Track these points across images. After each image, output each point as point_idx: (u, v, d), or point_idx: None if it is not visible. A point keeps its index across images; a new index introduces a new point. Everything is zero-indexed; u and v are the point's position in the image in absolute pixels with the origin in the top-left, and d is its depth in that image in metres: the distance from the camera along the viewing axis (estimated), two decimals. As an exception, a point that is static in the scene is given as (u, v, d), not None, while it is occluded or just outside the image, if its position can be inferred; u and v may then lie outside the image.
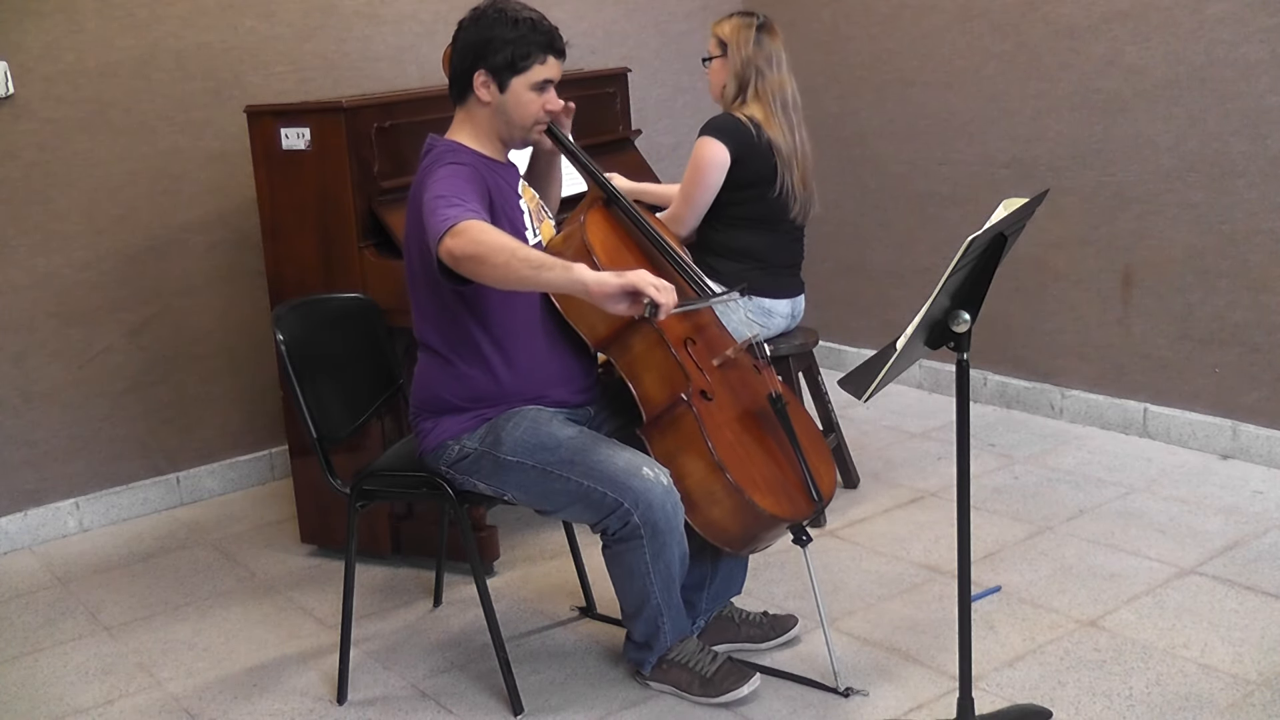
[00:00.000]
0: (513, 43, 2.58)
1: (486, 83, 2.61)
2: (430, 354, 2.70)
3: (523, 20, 2.60)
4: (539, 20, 2.63)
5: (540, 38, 2.61)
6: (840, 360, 5.10)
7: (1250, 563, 3.23)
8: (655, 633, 2.67)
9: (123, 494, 4.05)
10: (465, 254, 2.34)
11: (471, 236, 2.35)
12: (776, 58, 3.49)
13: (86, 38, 3.80)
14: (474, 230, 2.37)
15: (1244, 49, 3.72)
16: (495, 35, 2.58)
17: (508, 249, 2.34)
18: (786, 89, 3.50)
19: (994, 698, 2.67)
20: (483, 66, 2.60)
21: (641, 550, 2.53)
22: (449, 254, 2.36)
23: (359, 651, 3.04)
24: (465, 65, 2.63)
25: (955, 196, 4.62)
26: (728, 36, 3.50)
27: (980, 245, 2.17)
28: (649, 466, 2.53)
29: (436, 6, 4.46)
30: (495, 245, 2.34)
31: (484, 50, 2.59)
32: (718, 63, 3.54)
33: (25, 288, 3.80)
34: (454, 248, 2.35)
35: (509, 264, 2.32)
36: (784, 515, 2.60)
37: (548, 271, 2.32)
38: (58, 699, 2.94)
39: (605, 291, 2.29)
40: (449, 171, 2.55)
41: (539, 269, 2.32)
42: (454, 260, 2.37)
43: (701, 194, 3.49)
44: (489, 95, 2.62)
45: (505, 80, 2.61)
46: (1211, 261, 3.92)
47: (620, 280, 2.29)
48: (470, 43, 2.62)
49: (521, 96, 2.63)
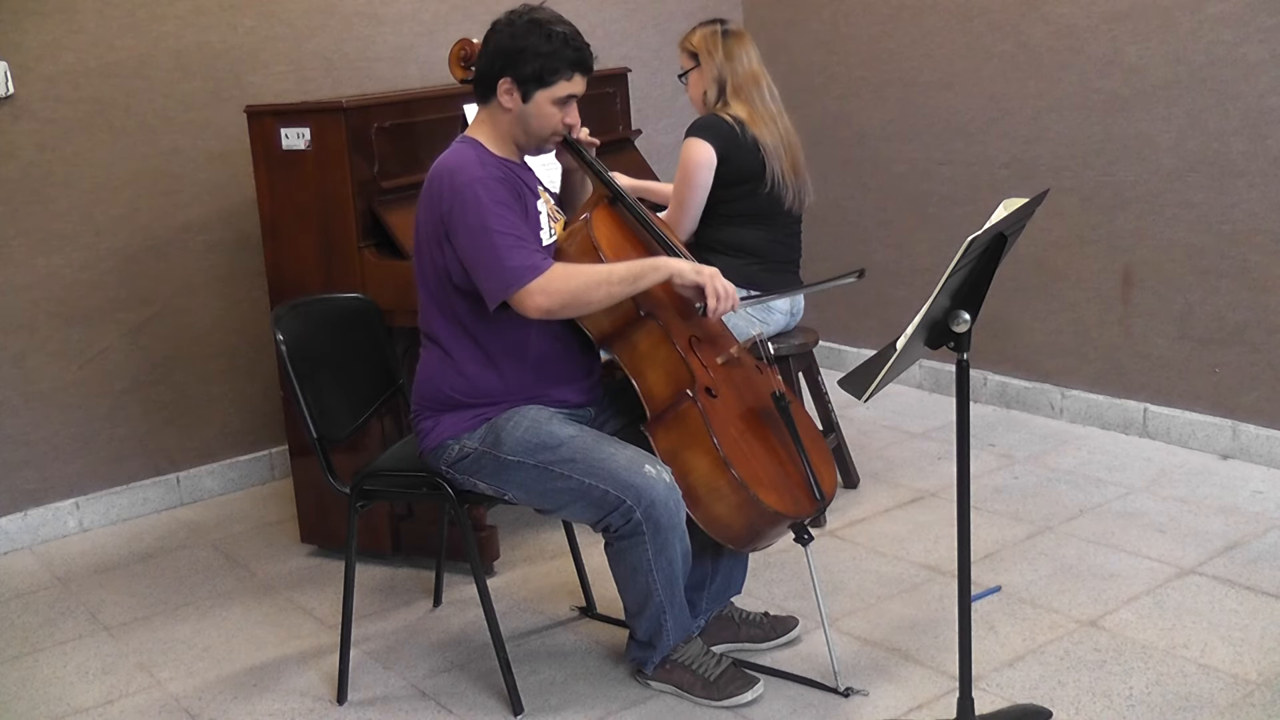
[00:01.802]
0: (544, 56, 2.57)
1: (510, 90, 2.61)
2: (434, 348, 2.71)
3: (556, 35, 2.58)
4: (572, 36, 2.61)
5: (571, 54, 2.60)
6: (840, 360, 5.10)
7: (1250, 563, 3.23)
8: (659, 631, 2.67)
9: (123, 494, 4.05)
10: (563, 305, 2.53)
11: (561, 289, 2.52)
12: (747, 55, 3.54)
13: (86, 38, 3.80)
14: (559, 280, 2.52)
15: (1244, 49, 3.72)
16: (528, 46, 2.57)
17: (601, 280, 2.55)
18: (762, 81, 3.54)
19: (994, 698, 2.67)
20: (510, 75, 2.59)
21: (644, 547, 2.53)
22: (542, 311, 2.52)
23: (359, 651, 3.04)
24: (493, 70, 2.62)
25: (955, 196, 4.62)
26: (697, 47, 3.55)
27: (980, 245, 2.17)
28: (651, 464, 2.54)
29: (436, 6, 4.46)
30: (587, 283, 2.54)
31: (514, 59, 2.58)
32: (694, 74, 3.58)
33: (25, 288, 3.80)
34: (549, 305, 2.52)
35: (610, 294, 2.55)
36: (788, 512, 2.60)
37: (643, 280, 2.57)
38: (58, 699, 2.94)
39: (684, 282, 2.61)
40: (489, 193, 2.54)
41: (635, 281, 2.57)
42: (549, 314, 2.53)
43: (693, 195, 3.50)
44: (511, 103, 2.62)
45: (530, 91, 2.60)
46: (1211, 261, 3.92)
47: (697, 277, 2.61)
48: (502, 48, 2.60)
49: (544, 109, 2.62)
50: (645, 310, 2.65)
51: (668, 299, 2.72)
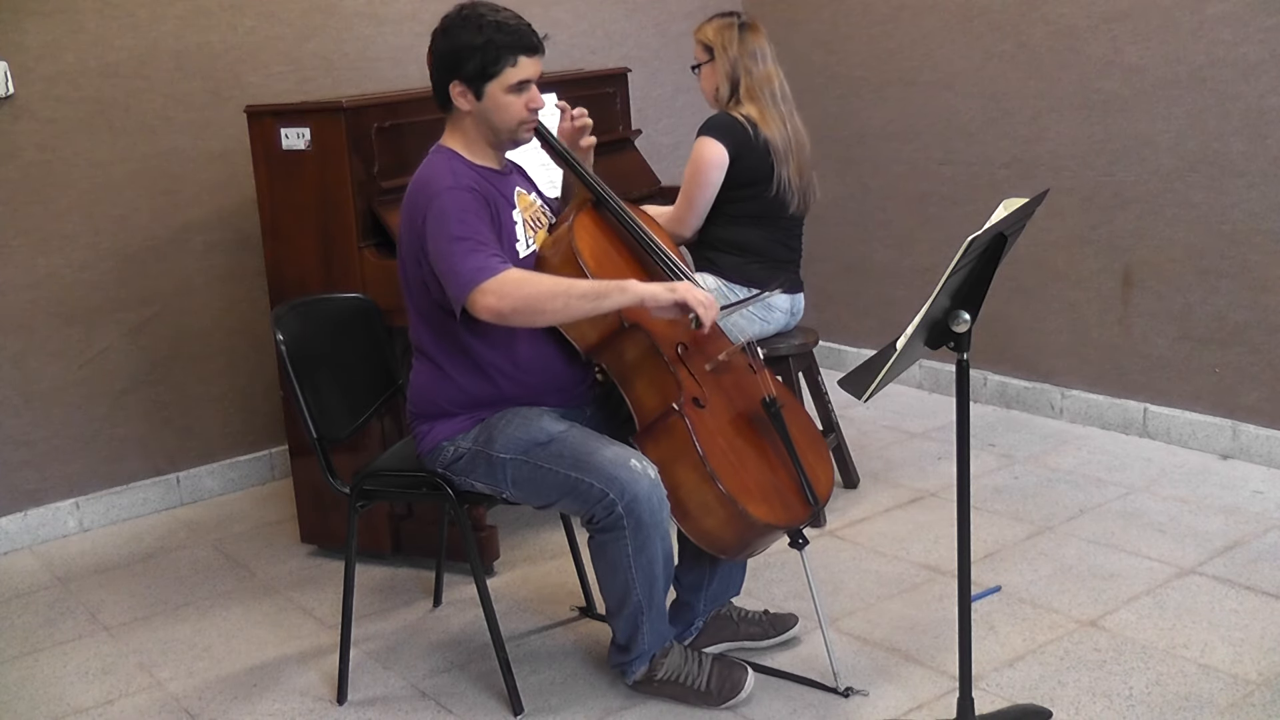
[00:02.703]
0: (481, 49, 2.53)
1: (464, 92, 2.58)
2: (425, 360, 2.70)
3: (488, 24, 2.54)
4: (506, 21, 2.56)
5: (508, 38, 2.54)
6: (840, 360, 5.10)
7: (1250, 563, 3.23)
8: (636, 633, 2.64)
9: (123, 494, 4.05)
10: (514, 309, 2.44)
11: (514, 293, 2.43)
12: (762, 52, 3.52)
13: (86, 38, 3.80)
14: (511, 284, 2.44)
15: (1244, 49, 3.72)
16: (462, 43, 2.54)
17: (559, 292, 2.46)
18: (774, 81, 3.53)
19: (994, 698, 2.67)
20: (456, 77, 2.57)
21: (624, 542, 2.51)
22: (493, 313, 2.44)
23: (359, 651, 3.04)
24: (441, 78, 2.60)
25: (955, 196, 4.62)
26: (712, 40, 3.53)
27: (980, 245, 2.17)
28: (637, 459, 2.52)
29: (436, 6, 4.40)
30: (544, 292, 2.46)
31: (454, 61, 2.56)
32: (706, 68, 3.56)
33: (25, 288, 3.80)
34: (499, 308, 2.43)
35: (567, 306, 2.46)
36: (779, 522, 2.59)
37: (605, 300, 2.47)
38: (58, 699, 2.94)
39: (658, 304, 2.50)
40: (456, 202, 2.52)
41: (598, 300, 2.47)
42: (500, 317, 2.44)
43: (703, 194, 3.50)
44: (468, 104, 2.59)
45: (480, 88, 2.57)
46: (1211, 261, 3.92)
47: (671, 296, 2.49)
48: (441, 54, 2.59)
49: (499, 100, 2.58)
50: (630, 321, 2.61)
51: None
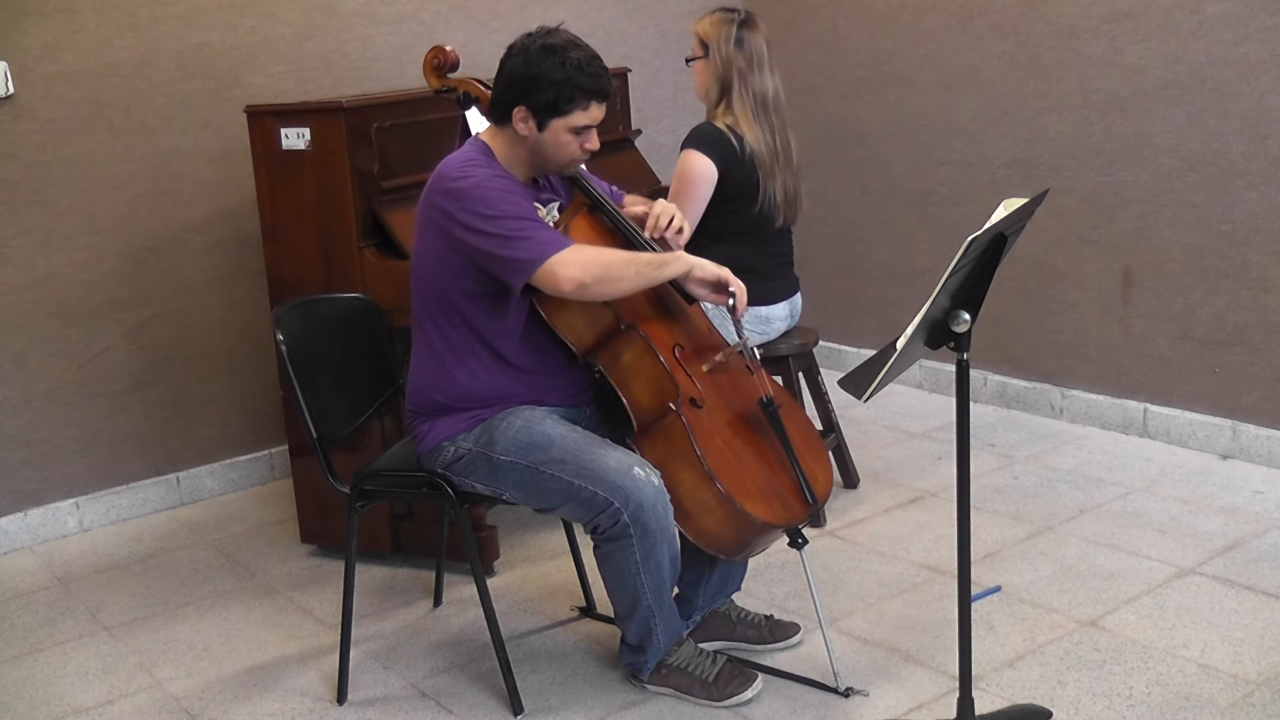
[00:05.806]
0: (559, 84, 2.49)
1: (526, 119, 2.54)
2: (426, 354, 2.69)
3: (571, 61, 2.49)
4: (587, 62, 2.52)
5: (587, 81, 2.51)
6: (840, 360, 5.10)
7: (1250, 563, 3.23)
8: (648, 635, 2.66)
9: (123, 494, 4.05)
10: (595, 279, 2.46)
11: (593, 261, 2.48)
12: (758, 56, 3.41)
13: (86, 38, 3.80)
14: (589, 254, 2.49)
15: (1244, 49, 3.72)
16: (541, 73, 2.49)
17: (630, 259, 2.52)
18: (768, 89, 3.43)
19: (994, 698, 2.67)
20: (524, 103, 2.52)
21: (631, 550, 2.52)
22: (576, 283, 2.45)
23: (359, 651, 3.04)
24: (508, 96, 2.55)
25: (955, 196, 4.62)
26: (708, 36, 3.43)
27: (980, 245, 2.17)
28: (640, 466, 2.52)
29: (436, 6, 4.46)
30: (620, 260, 2.52)
31: (528, 86, 2.51)
32: (700, 64, 3.47)
33: (25, 288, 3.80)
34: (582, 278, 2.45)
35: (639, 274, 2.52)
36: (777, 521, 2.59)
37: (666, 268, 2.56)
38: (58, 699, 2.94)
39: (705, 275, 2.61)
40: (502, 184, 2.51)
41: (660, 268, 2.55)
42: (581, 288, 2.46)
43: (692, 208, 3.40)
44: (527, 130, 2.55)
45: (545, 120, 2.53)
46: (1211, 261, 3.92)
47: (717, 270, 2.61)
48: (516, 75, 2.53)
49: (560, 137, 2.55)
50: (627, 322, 2.61)
51: (649, 308, 2.68)
